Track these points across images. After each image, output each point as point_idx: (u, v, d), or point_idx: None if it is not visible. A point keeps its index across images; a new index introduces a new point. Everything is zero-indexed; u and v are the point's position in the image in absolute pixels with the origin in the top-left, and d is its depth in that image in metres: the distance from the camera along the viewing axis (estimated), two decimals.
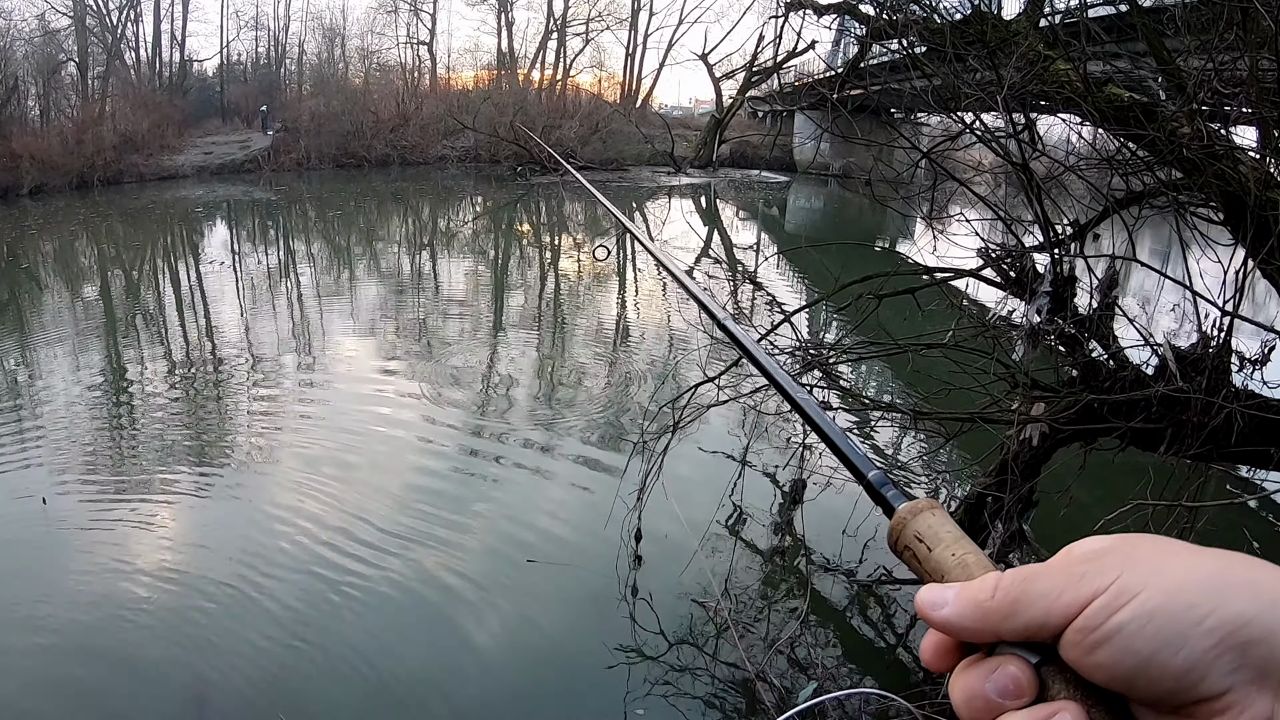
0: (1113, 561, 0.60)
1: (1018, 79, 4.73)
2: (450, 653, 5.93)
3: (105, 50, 51.91)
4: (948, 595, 0.65)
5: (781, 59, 30.84)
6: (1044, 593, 0.61)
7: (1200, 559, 0.59)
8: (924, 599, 0.66)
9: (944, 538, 0.68)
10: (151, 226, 32.01)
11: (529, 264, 23.84)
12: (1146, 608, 0.57)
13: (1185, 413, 4.47)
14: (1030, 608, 0.61)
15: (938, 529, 0.69)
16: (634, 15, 58.86)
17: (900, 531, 0.71)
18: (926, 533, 0.69)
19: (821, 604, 6.34)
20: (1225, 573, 0.57)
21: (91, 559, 7.04)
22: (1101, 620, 0.58)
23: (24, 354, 13.93)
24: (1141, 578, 0.58)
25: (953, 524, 0.69)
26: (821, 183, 42.15)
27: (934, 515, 0.70)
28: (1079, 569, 0.61)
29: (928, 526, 0.69)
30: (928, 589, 0.66)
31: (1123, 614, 0.57)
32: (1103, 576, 0.59)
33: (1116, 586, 0.58)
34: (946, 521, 0.69)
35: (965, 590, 0.64)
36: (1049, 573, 0.62)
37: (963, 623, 0.63)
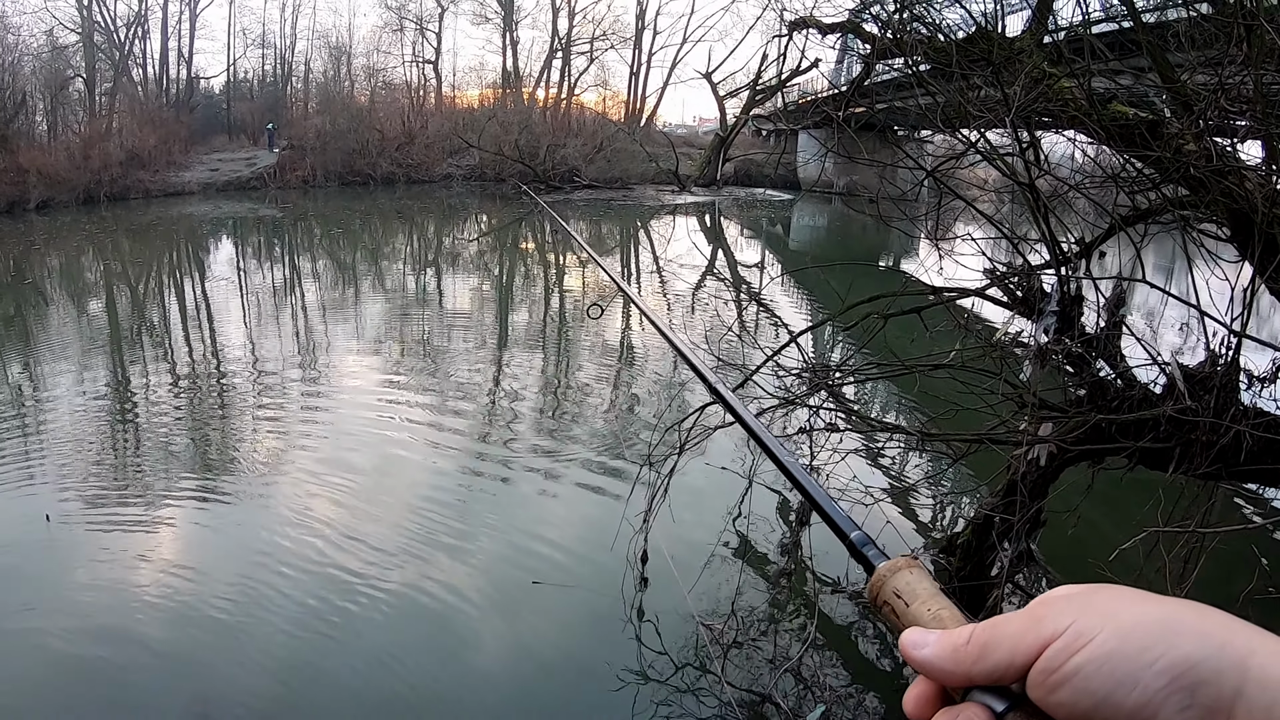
0: (1070, 607, 0.65)
1: (1022, 97, 4.72)
2: (454, 673, 5.90)
3: (113, 66, 52.38)
4: (929, 638, 0.70)
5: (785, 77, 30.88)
6: (1008, 635, 0.66)
7: (1151, 606, 0.63)
8: (908, 639, 0.71)
9: (920, 594, 0.74)
10: (157, 242, 32.15)
11: (533, 282, 23.86)
12: (1102, 650, 0.61)
13: (1194, 432, 4.44)
14: (997, 650, 0.66)
15: (915, 586, 0.74)
16: (638, 34, 59.23)
17: (880, 588, 0.76)
18: (904, 589, 0.74)
19: (829, 625, 6.30)
20: (1175, 618, 0.62)
21: (95, 575, 7.03)
22: (1060, 662, 0.62)
23: (29, 369, 13.97)
24: (1097, 622, 0.63)
25: (929, 581, 0.75)
26: (826, 201, 42.17)
27: (911, 573, 0.75)
28: (1039, 613, 0.66)
29: (905, 583, 0.75)
30: (912, 630, 0.72)
31: (1079, 656, 0.62)
32: (1060, 620, 0.64)
33: (1073, 630, 0.63)
34: (924, 579, 0.75)
35: (944, 636, 0.69)
36: (1014, 619, 0.67)
37: (940, 664, 0.69)
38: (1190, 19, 4.64)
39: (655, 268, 25.30)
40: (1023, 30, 6.10)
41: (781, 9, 10.70)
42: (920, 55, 5.86)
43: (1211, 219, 4.81)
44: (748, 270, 25.17)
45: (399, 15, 58.37)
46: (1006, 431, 5.39)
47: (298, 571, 7.06)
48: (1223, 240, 4.87)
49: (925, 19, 6.02)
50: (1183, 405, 4.41)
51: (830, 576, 6.87)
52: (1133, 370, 5.06)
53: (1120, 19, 5.56)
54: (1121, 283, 5.13)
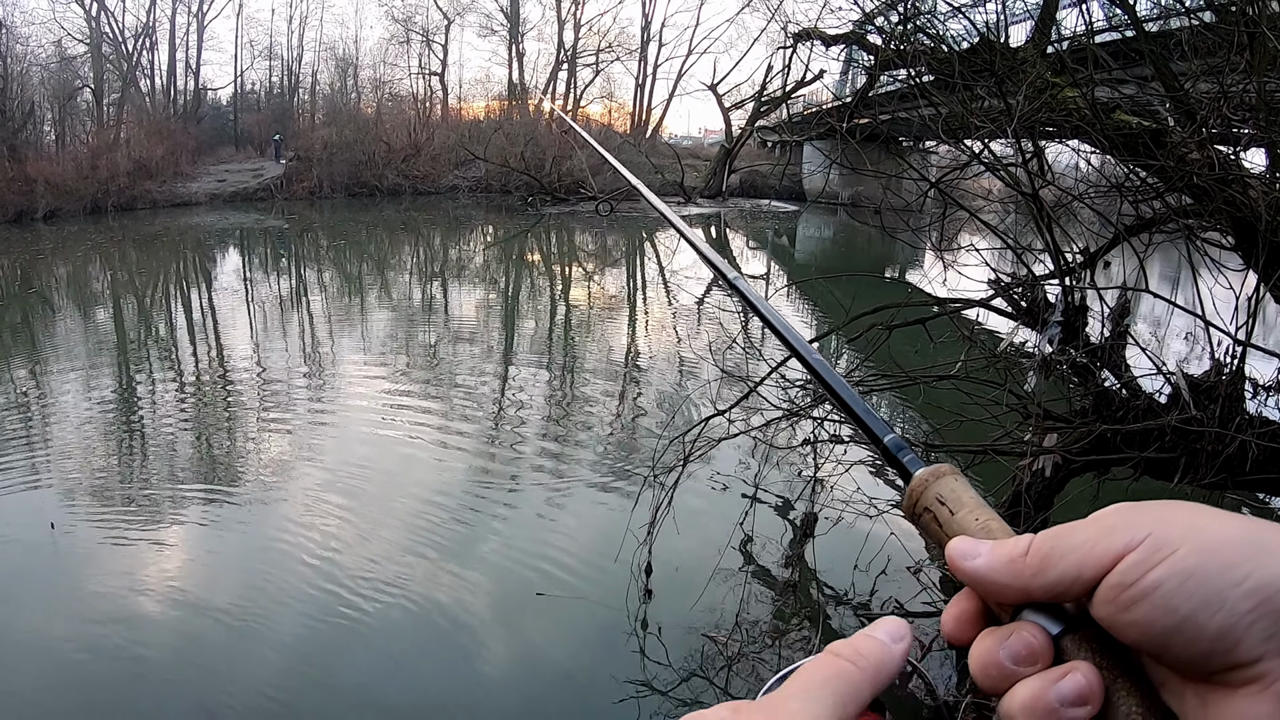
0: (1146, 518, 0.58)
1: (1026, 107, 4.71)
2: (459, 682, 5.89)
3: (121, 77, 52.63)
4: (981, 548, 0.63)
5: (790, 89, 30.94)
6: (1076, 546, 0.59)
7: (1236, 522, 0.56)
8: (956, 549, 0.64)
9: (967, 502, 0.66)
10: (164, 252, 32.24)
11: (539, 294, 23.87)
12: (1184, 565, 0.54)
13: (1199, 441, 4.42)
14: (1062, 561, 0.59)
15: (960, 493, 0.67)
16: (643, 46, 59.39)
17: (920, 495, 0.68)
18: (949, 496, 0.67)
19: (833, 637, 6.24)
20: (1263, 536, 0.55)
21: (100, 582, 7.04)
22: (1137, 576, 0.55)
23: (35, 377, 14.01)
24: (1177, 534, 0.56)
25: (975, 491, 0.67)
26: (831, 212, 42.12)
27: (956, 480, 0.68)
28: (1110, 521, 0.59)
29: (950, 490, 0.67)
30: (961, 539, 0.64)
31: (1159, 570, 0.55)
32: (1136, 530, 0.57)
33: (1151, 542, 0.56)
34: (969, 488, 0.67)
35: (999, 545, 0.62)
36: (1080, 528, 0.60)
37: (994, 576, 0.61)
38: (1193, 27, 4.64)
39: (660, 278, 25.31)
40: (1026, 40, 6.09)
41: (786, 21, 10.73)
42: (924, 66, 5.86)
43: (1215, 228, 4.80)
44: (753, 281, 25.00)
45: (405, 27, 58.65)
46: (1011, 442, 5.37)
47: (303, 579, 7.06)
48: (1227, 249, 4.86)
49: (929, 30, 6.03)
50: (1188, 415, 4.40)
51: (834, 588, 6.85)
52: (1138, 380, 5.04)
53: (1123, 28, 5.56)
54: (1126, 292, 5.11)
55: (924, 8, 6.30)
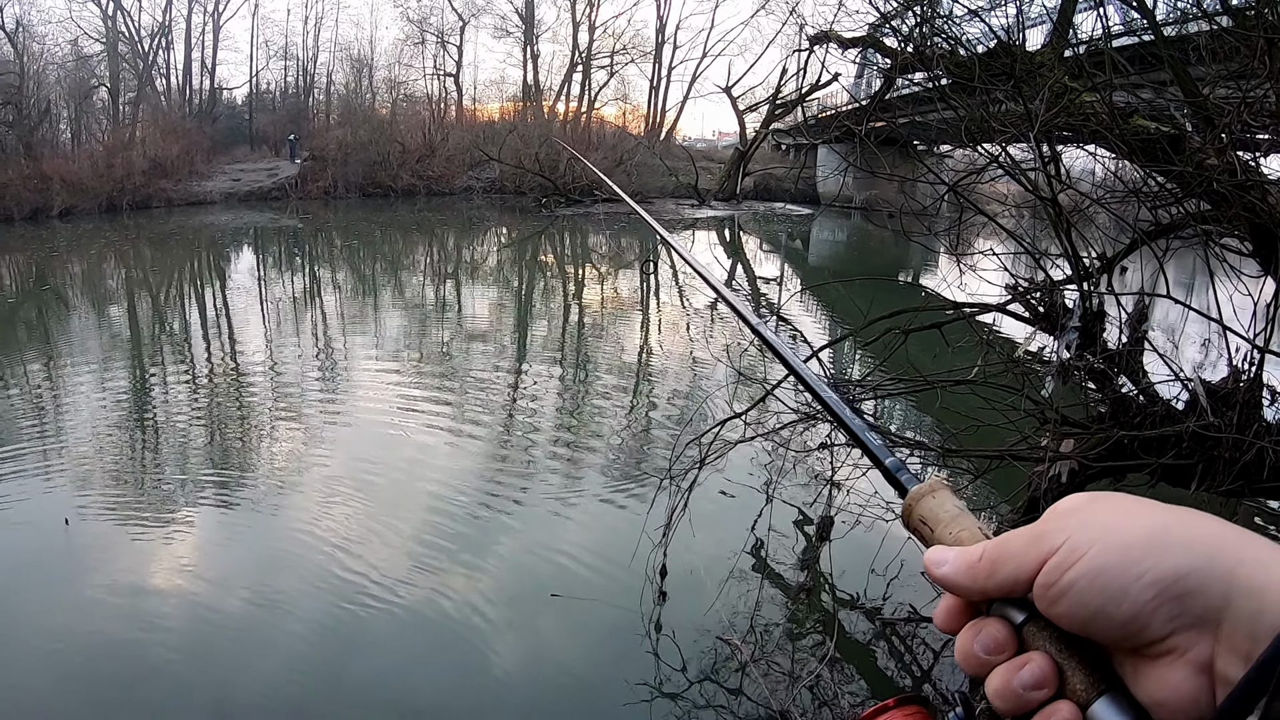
0: (1068, 522, 0.68)
1: (1044, 111, 4.70)
2: (471, 684, 5.90)
3: (136, 76, 53.01)
4: (948, 556, 0.75)
5: (805, 92, 30.93)
6: (1014, 554, 0.70)
7: (1145, 517, 0.66)
8: (929, 558, 0.76)
9: (942, 518, 0.79)
10: (179, 251, 32.44)
11: (553, 295, 23.89)
12: (1094, 565, 0.65)
13: (1217, 448, 4.40)
14: (1004, 567, 0.70)
15: (937, 510, 0.80)
16: (658, 48, 59.43)
17: (909, 514, 0.82)
18: (928, 515, 0.80)
19: (847, 641, 6.27)
20: (1165, 531, 0.65)
21: (112, 580, 7.09)
22: (1056, 577, 0.66)
23: (50, 373, 14.12)
24: (1090, 536, 0.66)
25: (951, 503, 0.80)
26: (845, 215, 42.11)
27: (935, 497, 0.81)
28: (1039, 529, 0.70)
29: (929, 509, 0.80)
30: (935, 549, 0.77)
31: (1073, 571, 0.65)
32: (1056, 536, 0.68)
33: (1067, 545, 0.66)
34: (945, 502, 0.80)
35: (961, 554, 0.74)
36: (1019, 535, 0.71)
37: (958, 579, 0.73)
38: (1211, 32, 4.62)
39: (675, 282, 25.31)
40: (1043, 44, 6.08)
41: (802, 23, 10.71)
42: (941, 69, 5.85)
43: (1234, 233, 4.78)
44: (767, 285, 25.11)
45: (420, 29, 58.81)
46: (1028, 448, 5.35)
47: (315, 579, 7.08)
48: (1245, 255, 4.84)
49: (946, 33, 6.02)
50: (1205, 421, 4.38)
51: (850, 592, 6.84)
52: (1155, 386, 5.02)
53: (1141, 32, 5.54)
54: (1143, 298, 5.09)
55: (941, 10, 6.29)
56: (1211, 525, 0.65)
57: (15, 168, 39.82)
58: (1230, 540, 0.64)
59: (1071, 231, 5.12)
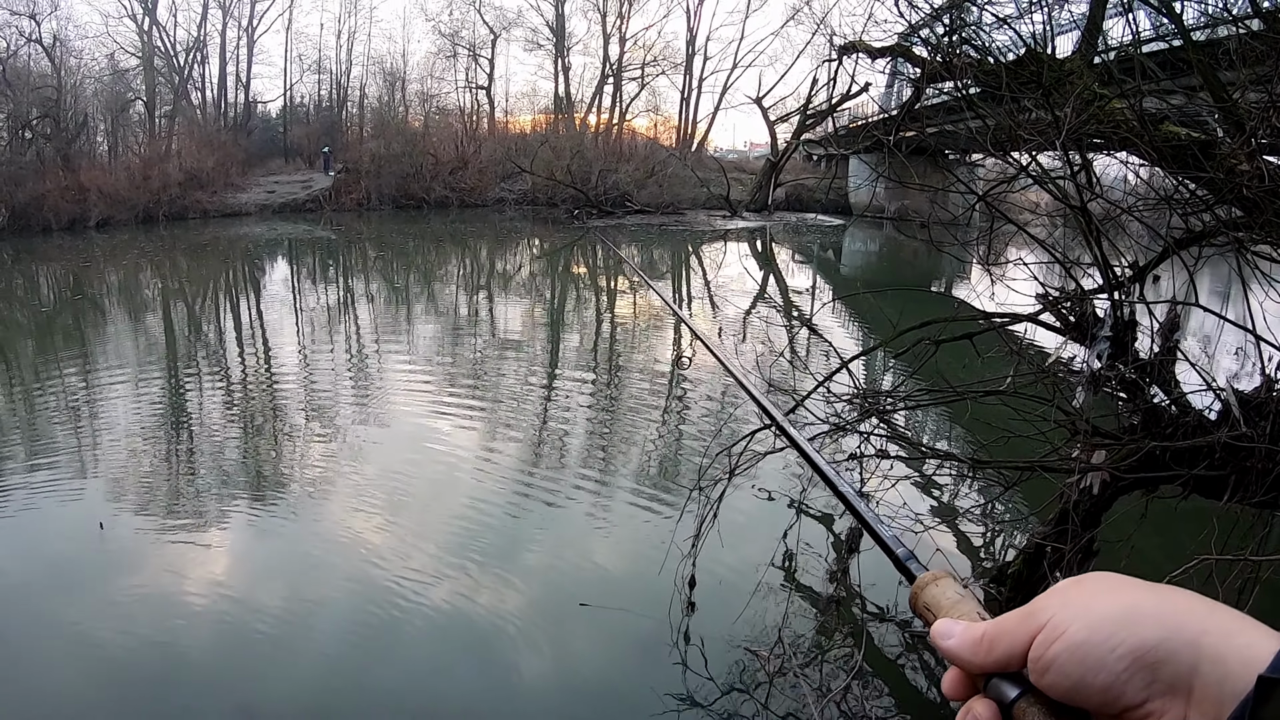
0: (1054, 601, 0.75)
1: (1073, 119, 4.67)
2: (499, 691, 5.90)
3: (172, 90, 53.81)
4: (955, 630, 0.81)
5: (836, 102, 30.87)
6: (1007, 631, 0.76)
7: (1121, 595, 0.73)
8: (937, 630, 0.83)
9: (944, 604, 0.87)
10: (214, 261, 32.83)
11: (585, 306, 23.94)
12: (1074, 640, 0.71)
13: (1249, 459, 4.34)
14: (1000, 644, 0.77)
15: (939, 597, 0.88)
16: (689, 60, 59.57)
17: (915, 600, 0.90)
18: (931, 602, 0.88)
19: (877, 655, 6.22)
20: (1136, 606, 0.71)
21: (146, 583, 7.20)
22: (1042, 652, 0.73)
23: (85, 381, 14.32)
24: (1072, 614, 0.73)
25: (953, 590, 0.88)
26: (877, 226, 41.97)
27: (937, 586, 0.89)
28: (1030, 609, 0.76)
29: (932, 596, 0.88)
30: (943, 621, 0.84)
31: (1055, 646, 0.72)
32: (1042, 615, 0.74)
33: (1051, 624, 0.73)
34: (948, 589, 0.88)
35: (966, 631, 0.80)
36: (1013, 616, 0.77)
37: (961, 654, 0.79)
38: (1240, 36, 4.57)
39: (707, 293, 25.30)
40: (1072, 51, 6.04)
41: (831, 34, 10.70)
42: (970, 78, 5.83)
43: (1266, 240, 4.72)
44: (799, 295, 25.04)
45: (452, 42, 59.28)
46: (1059, 459, 5.31)
47: (344, 586, 7.13)
48: (1278, 262, 4.78)
49: (974, 42, 5.99)
50: (1238, 432, 4.32)
51: (879, 605, 6.78)
52: (1187, 396, 4.96)
53: (1170, 38, 5.49)
54: (1175, 307, 5.04)
55: (969, 19, 6.27)
56: (1181, 600, 0.71)
57: (53, 179, 40.62)
58: (1196, 612, 0.69)
59: (1102, 240, 5.08)
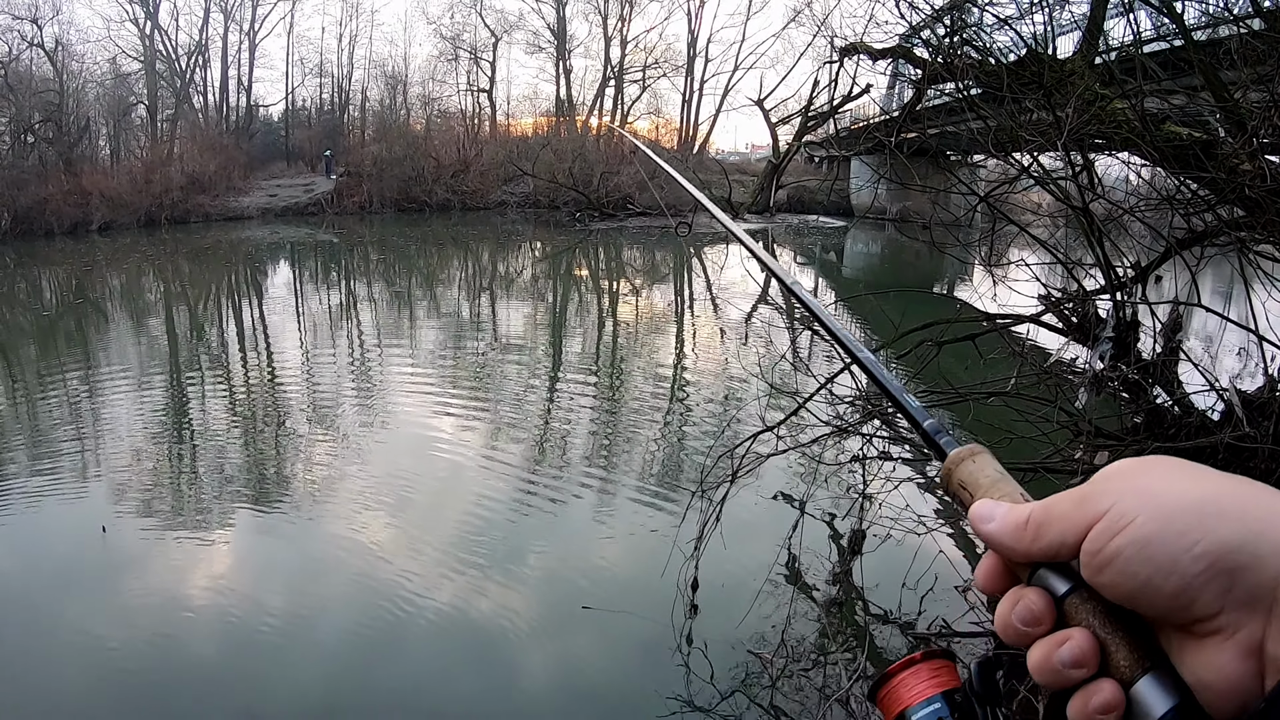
0: (1114, 486, 0.66)
1: (1075, 119, 4.66)
2: (502, 694, 5.90)
3: (174, 94, 53.94)
4: (996, 512, 0.72)
5: (837, 103, 30.84)
6: (1059, 516, 0.67)
7: (1198, 483, 0.63)
8: (977, 512, 0.74)
9: (983, 483, 0.77)
10: (216, 265, 32.87)
11: (587, 309, 23.94)
12: (1141, 534, 0.62)
13: (1253, 459, 4.33)
14: (1049, 531, 0.68)
15: (977, 475, 0.78)
16: (690, 62, 59.47)
17: (949, 478, 0.80)
18: (969, 480, 0.78)
19: (879, 657, 6.20)
20: (1216, 499, 0.62)
21: (147, 587, 7.20)
22: (1101, 545, 0.64)
23: (88, 385, 14.31)
24: (1138, 504, 0.63)
25: (993, 467, 0.78)
26: (879, 227, 41.90)
27: (974, 462, 0.79)
28: (1087, 491, 0.67)
29: (969, 474, 0.79)
30: (982, 502, 0.74)
31: (1118, 540, 0.63)
32: (1102, 500, 0.65)
33: (1114, 512, 0.64)
34: (986, 466, 0.78)
35: (1010, 512, 0.71)
36: (1065, 499, 0.68)
37: (1002, 539, 0.71)
38: (1241, 36, 4.56)
39: (708, 295, 25.29)
40: (1073, 52, 6.04)
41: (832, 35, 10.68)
42: (971, 79, 5.83)
43: (1269, 240, 4.71)
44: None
45: (454, 45, 59.25)
46: (1062, 460, 5.30)
47: (348, 588, 7.13)
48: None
49: (975, 43, 5.99)
50: (1241, 432, 4.32)
51: (882, 607, 6.78)
52: (1190, 397, 4.96)
53: (1171, 38, 5.48)
54: (1178, 307, 5.03)
55: (970, 20, 6.27)
56: (1266, 496, 0.62)
57: (56, 183, 40.68)
58: None
59: (1104, 240, 5.07)
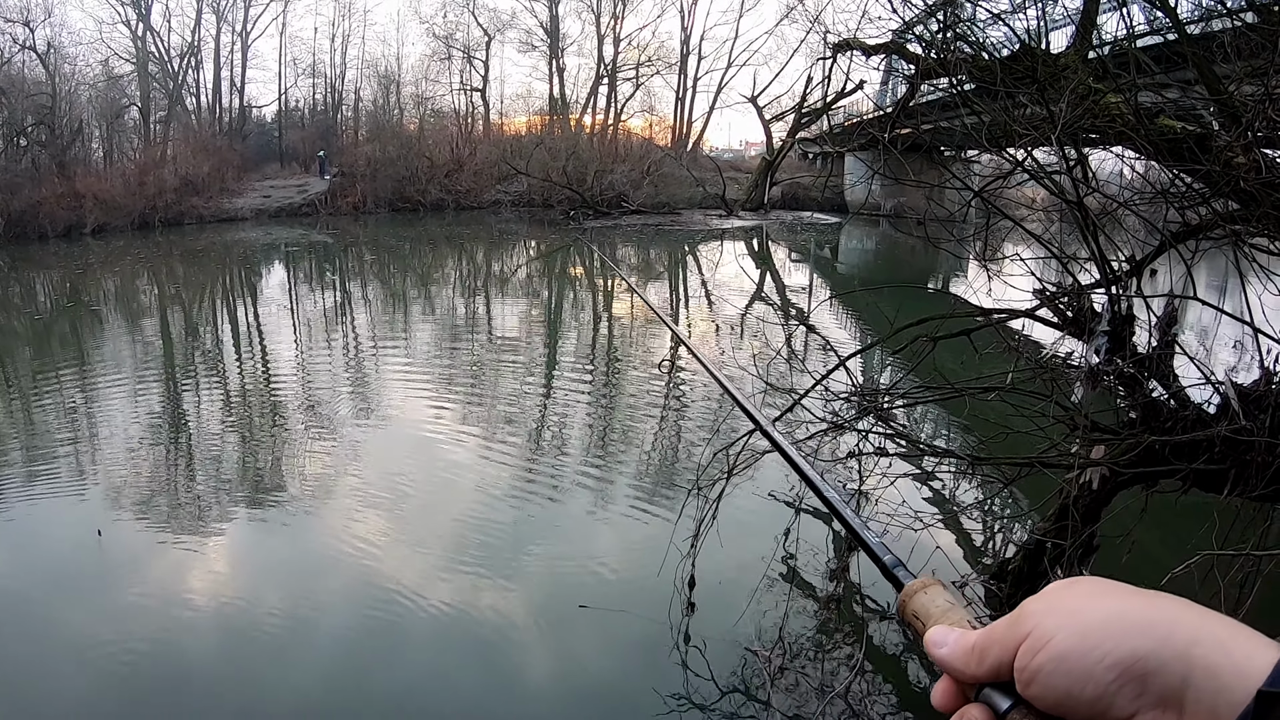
0: (1039, 608, 0.73)
1: (1068, 113, 4.65)
2: (500, 694, 5.89)
3: (167, 96, 53.92)
4: (949, 639, 0.79)
5: (830, 100, 30.85)
6: (995, 640, 0.74)
7: (1107, 601, 0.70)
8: (931, 637, 0.81)
9: (934, 613, 0.84)
10: (211, 266, 32.89)
11: (581, 307, 23.94)
12: (1059, 650, 0.68)
13: (1249, 453, 4.33)
14: (990, 652, 0.74)
15: (929, 605, 0.85)
16: (683, 60, 59.54)
17: (904, 608, 0.87)
18: (921, 610, 0.85)
19: (877, 653, 6.20)
20: (1123, 614, 0.68)
21: (145, 589, 7.19)
22: (1026, 662, 0.70)
23: (82, 388, 14.29)
24: (1056, 623, 0.70)
25: (943, 598, 0.85)
26: (873, 223, 41.99)
27: (926, 594, 0.86)
28: (1015, 615, 0.74)
29: (920, 604, 0.86)
30: (937, 628, 0.81)
31: (1040, 656, 0.69)
32: (1028, 622, 0.72)
33: (1036, 632, 0.70)
34: (937, 597, 0.85)
35: (959, 639, 0.78)
36: (1001, 624, 0.75)
37: (953, 662, 0.77)
38: (1235, 29, 4.56)
39: (703, 292, 25.28)
40: (1067, 46, 6.03)
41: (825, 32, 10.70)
42: (965, 74, 5.82)
43: (1264, 233, 4.71)
44: (796, 294, 25.05)
45: (446, 44, 59.25)
46: (1058, 455, 5.30)
47: (346, 589, 7.13)
48: (1276, 255, 4.77)
49: (969, 38, 5.98)
50: (1238, 425, 4.31)
51: (879, 603, 6.77)
52: (1186, 390, 4.96)
53: (1165, 31, 5.48)
54: (1173, 301, 5.03)
55: (963, 15, 6.26)
56: (1169, 607, 0.68)
57: (49, 186, 40.72)
58: (1187, 620, 0.67)
59: (1099, 235, 5.06)
